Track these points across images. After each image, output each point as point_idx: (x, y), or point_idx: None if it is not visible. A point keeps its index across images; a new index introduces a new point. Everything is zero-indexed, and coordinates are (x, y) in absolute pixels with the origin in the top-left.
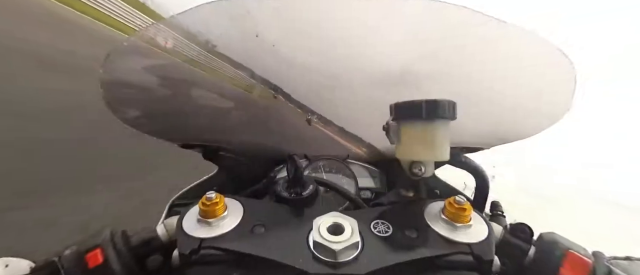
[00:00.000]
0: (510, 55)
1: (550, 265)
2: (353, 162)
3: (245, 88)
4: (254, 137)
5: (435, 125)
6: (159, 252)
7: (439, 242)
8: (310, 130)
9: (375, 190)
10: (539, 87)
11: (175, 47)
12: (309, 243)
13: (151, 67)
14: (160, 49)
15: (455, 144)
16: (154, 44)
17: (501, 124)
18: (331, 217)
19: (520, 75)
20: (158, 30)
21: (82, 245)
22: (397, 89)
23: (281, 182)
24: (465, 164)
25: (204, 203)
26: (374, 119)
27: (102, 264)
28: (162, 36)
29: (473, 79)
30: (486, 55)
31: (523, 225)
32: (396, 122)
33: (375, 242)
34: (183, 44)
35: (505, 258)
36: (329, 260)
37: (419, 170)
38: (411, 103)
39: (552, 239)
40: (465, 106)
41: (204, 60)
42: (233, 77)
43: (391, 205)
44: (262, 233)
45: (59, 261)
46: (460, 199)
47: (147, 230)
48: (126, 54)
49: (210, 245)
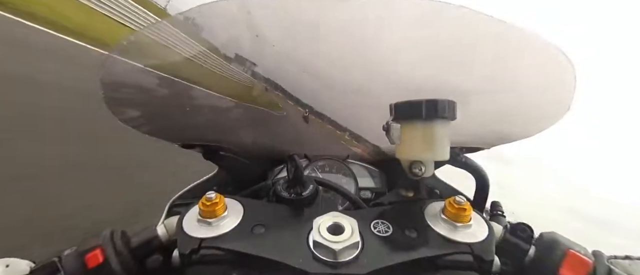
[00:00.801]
0: (510, 55)
1: (551, 264)
2: (353, 162)
3: (245, 88)
4: (254, 137)
5: (435, 125)
6: (159, 252)
7: (439, 242)
8: (310, 130)
9: (375, 190)
10: (539, 87)
11: (176, 46)
12: (309, 243)
13: (151, 67)
14: (160, 48)
15: (455, 144)
16: (153, 44)
17: (501, 124)
18: (331, 217)
19: (520, 75)
20: (158, 30)
21: (82, 246)
22: (397, 88)
23: (281, 182)
24: (466, 164)
25: (204, 203)
26: (374, 118)
27: (102, 264)
28: (162, 36)
29: (473, 79)
30: (486, 55)
31: (523, 225)
32: (396, 122)
33: (375, 242)
34: (183, 43)
35: (506, 258)
36: (329, 260)
37: (419, 170)
38: (411, 103)
39: (552, 239)
40: (465, 106)
41: (204, 60)
42: (233, 77)
43: (391, 205)
44: (262, 233)
45: (59, 261)
46: (460, 198)
47: (147, 231)
48: (126, 54)
49: (210, 245)
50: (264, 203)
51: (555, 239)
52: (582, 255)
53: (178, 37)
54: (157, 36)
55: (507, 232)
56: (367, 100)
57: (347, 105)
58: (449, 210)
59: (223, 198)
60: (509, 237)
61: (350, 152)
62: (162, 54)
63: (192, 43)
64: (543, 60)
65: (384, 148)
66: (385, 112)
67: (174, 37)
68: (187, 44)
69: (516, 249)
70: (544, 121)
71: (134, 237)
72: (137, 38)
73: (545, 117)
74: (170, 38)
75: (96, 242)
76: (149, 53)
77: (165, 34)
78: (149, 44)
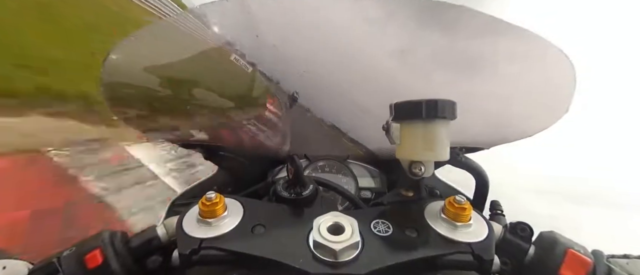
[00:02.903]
0: (510, 54)
1: (551, 264)
2: (353, 162)
3: (246, 87)
4: (254, 137)
5: (435, 125)
6: (158, 252)
7: (439, 241)
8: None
9: (375, 190)
10: (539, 87)
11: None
12: (309, 243)
13: (151, 67)
14: (160, 48)
15: (455, 144)
16: (154, 44)
17: (501, 124)
18: (331, 217)
19: (520, 75)
20: (158, 30)
21: (81, 247)
22: (396, 88)
23: (281, 182)
24: (465, 164)
25: (204, 203)
26: (374, 118)
27: (102, 264)
28: (162, 36)
29: (473, 79)
30: (486, 54)
31: (523, 224)
32: (396, 121)
33: (375, 242)
34: (183, 43)
35: (506, 257)
36: (330, 260)
37: (418, 170)
38: (411, 103)
39: (552, 238)
40: (465, 106)
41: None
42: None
43: (391, 205)
44: (262, 233)
45: (58, 262)
46: (460, 198)
47: (146, 231)
48: (126, 53)
49: (210, 246)
50: (264, 203)
51: (555, 238)
52: (582, 254)
53: (178, 36)
54: (157, 36)
55: (506, 231)
56: (367, 100)
57: (347, 104)
58: (449, 210)
59: (223, 198)
60: (508, 237)
61: (350, 152)
62: (162, 53)
63: (192, 43)
64: (543, 60)
65: (383, 148)
66: (385, 111)
67: (174, 36)
68: (187, 44)
69: (516, 249)
70: (543, 121)
71: (133, 238)
72: (137, 38)
73: (545, 117)
74: (171, 38)
75: (95, 243)
76: (149, 53)
77: (165, 34)
78: (149, 44)
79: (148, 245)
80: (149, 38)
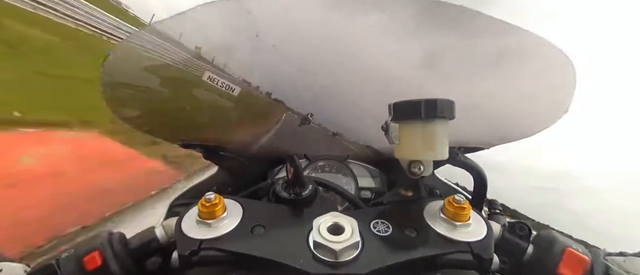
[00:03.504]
0: (510, 54)
1: (549, 262)
2: (353, 162)
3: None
4: (253, 137)
5: (434, 125)
6: (158, 253)
7: (438, 241)
8: (309, 130)
9: (375, 190)
10: (538, 87)
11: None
12: (309, 243)
13: (151, 67)
14: (160, 48)
15: (455, 144)
16: (154, 44)
17: (500, 124)
18: (331, 217)
19: (520, 75)
20: (158, 30)
21: (79, 248)
22: (396, 88)
23: (281, 182)
24: (464, 163)
25: (203, 204)
26: (373, 118)
27: (101, 266)
28: (162, 35)
29: (472, 79)
30: (486, 54)
31: (521, 224)
32: (395, 121)
33: (375, 242)
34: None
35: (504, 256)
36: (330, 260)
37: (418, 170)
38: (410, 103)
39: (550, 237)
40: (464, 106)
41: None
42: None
43: (390, 204)
44: (262, 234)
45: (57, 264)
46: (459, 198)
47: (145, 232)
48: (126, 53)
49: (210, 247)
50: (263, 203)
51: (553, 237)
52: (580, 253)
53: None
54: (157, 36)
55: (505, 230)
56: (366, 100)
57: (346, 104)
58: (448, 209)
59: (222, 199)
60: (507, 236)
61: (350, 152)
62: (162, 53)
63: (192, 42)
64: (543, 60)
65: (383, 148)
66: (384, 111)
67: (174, 36)
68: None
69: (515, 247)
70: (543, 121)
71: (132, 239)
72: (137, 37)
73: (545, 117)
74: (171, 37)
75: (94, 244)
76: (149, 52)
77: (165, 34)
78: (149, 44)
79: (147, 247)
80: (150, 38)
